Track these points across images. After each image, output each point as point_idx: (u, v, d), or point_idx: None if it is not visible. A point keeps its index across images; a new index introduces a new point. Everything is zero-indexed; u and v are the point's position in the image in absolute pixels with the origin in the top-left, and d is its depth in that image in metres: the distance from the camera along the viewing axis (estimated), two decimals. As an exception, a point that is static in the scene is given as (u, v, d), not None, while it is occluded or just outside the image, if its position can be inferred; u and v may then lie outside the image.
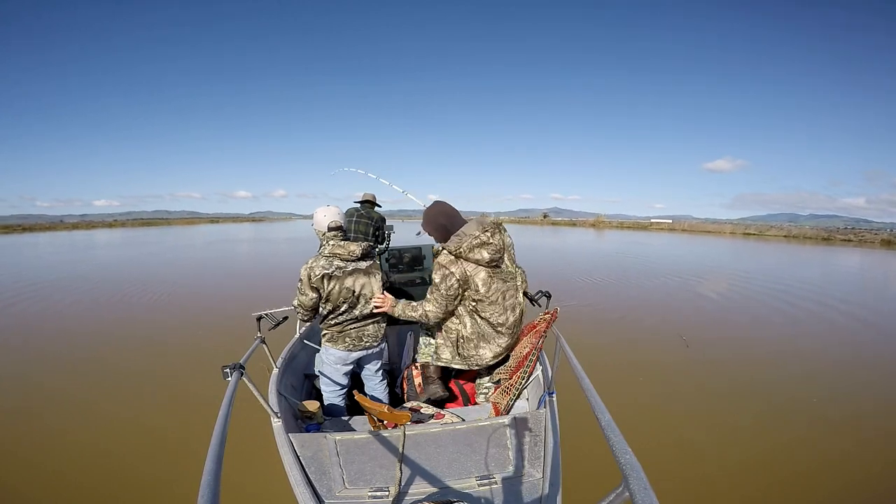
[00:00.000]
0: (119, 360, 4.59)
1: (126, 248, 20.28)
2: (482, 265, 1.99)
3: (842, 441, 3.16)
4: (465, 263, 1.98)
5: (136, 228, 51.19)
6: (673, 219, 68.88)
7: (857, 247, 26.40)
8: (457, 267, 1.98)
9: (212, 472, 0.86)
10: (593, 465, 2.51)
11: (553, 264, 13.39)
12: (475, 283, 1.99)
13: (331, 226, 2.18)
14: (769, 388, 4.07)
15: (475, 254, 1.96)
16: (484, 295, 2.01)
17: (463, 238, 1.97)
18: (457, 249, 1.97)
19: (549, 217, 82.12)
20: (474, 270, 1.98)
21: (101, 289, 8.80)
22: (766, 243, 27.22)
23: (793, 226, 47.71)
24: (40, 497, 2.45)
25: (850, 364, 4.89)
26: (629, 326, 6.26)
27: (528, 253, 15.81)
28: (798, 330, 6.32)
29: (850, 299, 8.57)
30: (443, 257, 2.04)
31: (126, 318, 6.44)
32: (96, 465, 2.73)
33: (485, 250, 1.97)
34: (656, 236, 32.27)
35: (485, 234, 1.98)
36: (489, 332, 2.08)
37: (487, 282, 2.00)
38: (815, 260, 17.63)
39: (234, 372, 1.50)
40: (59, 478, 2.60)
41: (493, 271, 2.02)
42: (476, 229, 1.99)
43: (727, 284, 10.18)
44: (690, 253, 18.93)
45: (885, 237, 30.95)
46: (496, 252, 2.01)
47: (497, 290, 2.03)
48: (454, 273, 1.97)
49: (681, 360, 4.80)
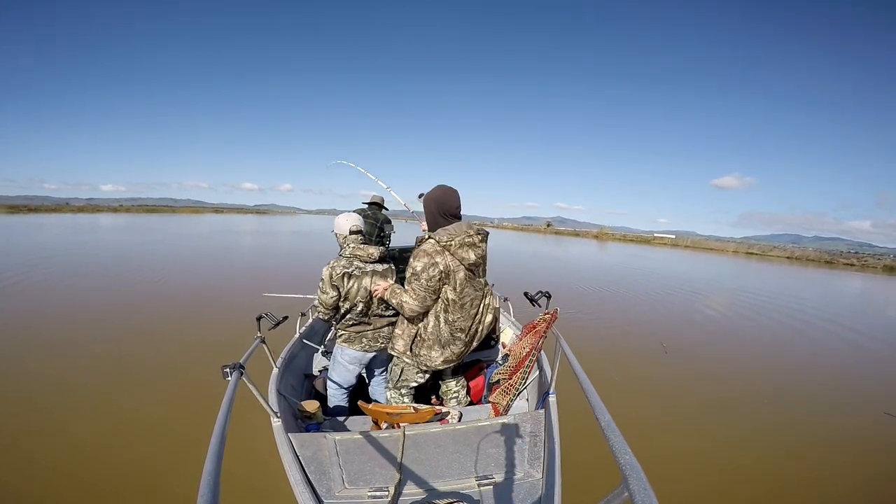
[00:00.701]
0: (129, 350, 4.59)
1: (130, 232, 20.41)
2: (464, 265, 1.95)
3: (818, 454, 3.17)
4: (451, 258, 1.93)
5: (140, 214, 51.87)
6: (676, 234, 69.51)
7: (860, 271, 25.91)
8: (442, 258, 1.91)
9: (212, 472, 0.86)
10: (593, 465, 2.51)
11: (552, 277, 13.35)
12: (455, 279, 1.94)
13: (352, 229, 2.31)
14: (741, 404, 4.15)
15: (463, 251, 1.93)
16: (457, 296, 1.97)
17: (454, 233, 1.94)
18: (449, 241, 1.92)
19: (552, 226, 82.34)
20: (457, 267, 1.94)
21: (107, 275, 8.82)
22: (769, 264, 27.08)
23: (796, 247, 47.98)
24: (40, 490, 2.45)
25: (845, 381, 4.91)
26: (616, 337, 6.35)
27: (530, 261, 15.72)
28: (780, 347, 6.47)
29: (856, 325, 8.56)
30: (429, 245, 1.95)
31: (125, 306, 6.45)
32: (97, 459, 2.73)
33: (472, 251, 1.95)
34: (659, 251, 32.36)
35: (476, 235, 1.98)
36: (447, 337, 2.02)
37: (464, 283, 1.97)
38: (817, 282, 17.61)
39: (234, 372, 1.50)
40: (58, 472, 2.60)
41: (470, 276, 1.99)
42: (468, 229, 1.98)
43: (724, 303, 10.28)
44: (693, 270, 18.84)
45: (888, 262, 30.31)
46: (480, 256, 1.99)
47: (468, 294, 2.00)
48: (438, 263, 1.90)
49: (661, 369, 4.99)
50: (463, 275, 1.95)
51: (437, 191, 2.08)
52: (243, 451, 2.68)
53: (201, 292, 7.79)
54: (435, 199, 2.06)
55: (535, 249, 23.85)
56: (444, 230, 1.98)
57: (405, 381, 2.15)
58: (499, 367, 2.54)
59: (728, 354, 5.88)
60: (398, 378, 2.15)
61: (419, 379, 2.14)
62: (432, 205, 2.07)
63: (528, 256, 18.21)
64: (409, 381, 2.14)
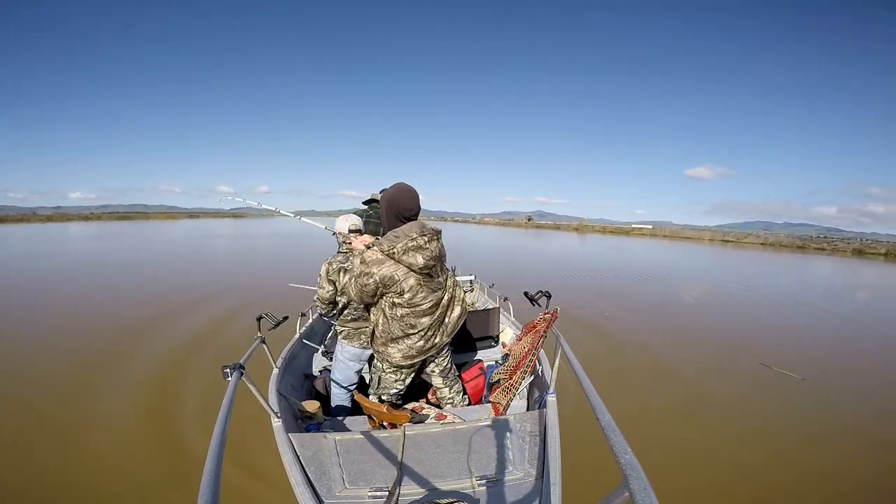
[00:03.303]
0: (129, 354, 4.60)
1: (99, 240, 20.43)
2: (414, 271, 1.84)
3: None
4: (396, 266, 1.83)
5: (113, 222, 51.49)
6: (654, 224, 70.81)
7: (831, 255, 27.05)
8: (380, 268, 1.82)
9: (212, 473, 0.86)
10: (593, 465, 2.51)
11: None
12: (400, 288, 1.84)
13: (351, 228, 2.40)
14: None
15: (409, 256, 1.82)
16: (407, 301, 1.86)
17: (398, 238, 1.84)
18: (390, 250, 1.81)
19: (533, 220, 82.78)
20: (404, 275, 1.83)
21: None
22: (744, 250, 28.02)
23: (769, 234, 48.95)
24: (41, 493, 2.45)
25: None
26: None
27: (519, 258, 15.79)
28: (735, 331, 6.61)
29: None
30: (369, 254, 1.86)
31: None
32: (94, 462, 2.74)
33: (419, 254, 1.83)
34: (640, 242, 32.91)
35: (422, 237, 1.85)
36: (399, 334, 1.94)
37: (415, 289, 1.86)
38: (802, 268, 17.97)
39: (234, 372, 1.50)
40: (56, 473, 2.60)
41: (424, 279, 1.88)
42: (414, 231, 1.86)
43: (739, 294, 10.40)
44: (677, 261, 18.81)
45: (856, 246, 31.59)
46: (431, 258, 1.87)
47: (424, 298, 1.90)
48: (374, 275, 1.82)
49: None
50: (413, 281, 1.85)
51: (391, 190, 1.97)
52: (244, 452, 2.68)
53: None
54: (388, 199, 1.95)
55: (515, 244, 24.15)
56: (391, 235, 1.88)
57: (384, 389, 2.10)
58: (499, 366, 2.54)
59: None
60: (378, 385, 2.12)
61: (398, 386, 2.10)
62: (384, 205, 1.96)
63: (516, 253, 18.25)
64: (389, 388, 2.10)
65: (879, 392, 4.25)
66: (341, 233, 2.41)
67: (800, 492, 2.64)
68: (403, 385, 2.12)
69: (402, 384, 2.11)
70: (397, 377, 2.08)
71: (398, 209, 1.93)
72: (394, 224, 1.94)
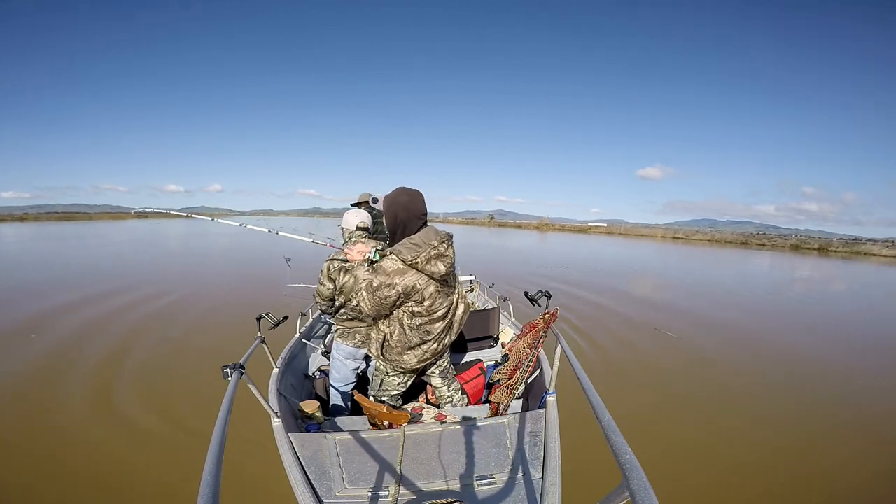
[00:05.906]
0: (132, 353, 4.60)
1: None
2: (435, 279, 1.79)
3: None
4: (418, 276, 1.76)
5: (52, 223, 47.27)
6: (608, 223, 73.51)
7: (771, 251, 29.15)
8: (402, 279, 1.74)
9: (212, 472, 0.86)
10: (593, 465, 2.51)
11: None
12: (422, 296, 1.78)
13: (359, 225, 2.40)
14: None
15: (432, 265, 1.75)
16: (426, 309, 1.82)
17: (420, 248, 1.76)
18: (413, 260, 1.74)
19: (495, 219, 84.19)
20: (425, 284, 1.77)
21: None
22: (696, 247, 30.24)
23: (714, 231, 51.21)
24: (42, 490, 2.45)
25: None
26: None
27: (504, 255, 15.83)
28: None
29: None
30: (389, 264, 1.76)
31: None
32: (95, 460, 2.74)
33: (441, 262, 1.77)
34: (598, 239, 34.41)
35: (442, 244, 1.78)
36: (416, 341, 1.91)
37: (434, 296, 1.81)
38: (764, 264, 19.49)
39: (234, 372, 1.50)
40: (56, 466, 2.60)
41: (442, 286, 1.85)
42: (433, 239, 1.79)
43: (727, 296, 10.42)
44: (641, 259, 19.38)
45: (793, 242, 35.46)
46: (450, 265, 1.82)
47: (441, 304, 1.86)
48: (396, 286, 1.74)
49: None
50: (433, 288, 1.80)
51: (403, 196, 1.87)
52: (243, 452, 2.68)
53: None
54: (404, 205, 1.85)
55: (490, 242, 25.07)
56: (408, 242, 1.79)
57: (386, 391, 2.10)
58: (499, 366, 2.55)
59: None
60: (378, 388, 2.11)
61: (400, 388, 2.10)
62: (401, 212, 1.85)
63: (496, 250, 18.64)
64: (390, 389, 2.09)
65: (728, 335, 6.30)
66: (348, 228, 2.41)
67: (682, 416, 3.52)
68: (405, 387, 2.12)
69: (405, 386, 2.12)
70: (401, 380, 2.08)
71: (417, 213, 1.86)
72: (409, 228, 1.86)
